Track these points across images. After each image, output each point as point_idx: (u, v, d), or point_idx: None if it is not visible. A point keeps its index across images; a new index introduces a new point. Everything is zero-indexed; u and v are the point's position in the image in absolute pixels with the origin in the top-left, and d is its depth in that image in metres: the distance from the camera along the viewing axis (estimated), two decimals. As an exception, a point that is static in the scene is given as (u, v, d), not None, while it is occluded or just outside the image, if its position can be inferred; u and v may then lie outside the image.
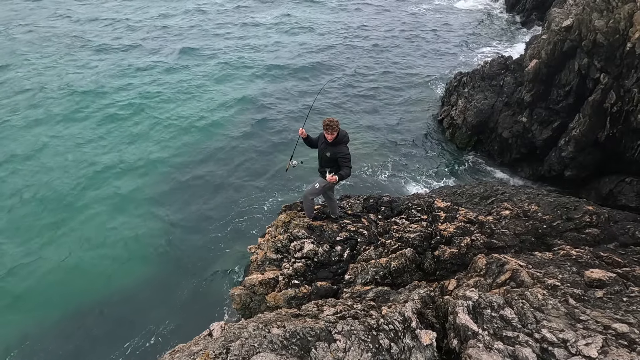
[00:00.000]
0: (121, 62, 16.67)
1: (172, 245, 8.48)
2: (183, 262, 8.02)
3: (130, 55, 17.34)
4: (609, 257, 5.32)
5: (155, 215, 9.24)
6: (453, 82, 13.28)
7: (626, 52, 8.21)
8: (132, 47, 18.16)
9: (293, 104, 13.86)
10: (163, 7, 23.80)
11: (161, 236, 8.67)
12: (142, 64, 16.53)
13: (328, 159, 5.17)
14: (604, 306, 3.75)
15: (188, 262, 8.02)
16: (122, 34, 19.66)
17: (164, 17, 22.21)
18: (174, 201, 9.69)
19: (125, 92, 14.46)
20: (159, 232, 8.74)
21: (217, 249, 8.29)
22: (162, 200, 9.69)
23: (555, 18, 10.51)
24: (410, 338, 2.75)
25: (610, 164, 9.03)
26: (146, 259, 8.14)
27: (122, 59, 16.91)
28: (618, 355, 2.61)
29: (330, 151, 5.13)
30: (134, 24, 20.96)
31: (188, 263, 8.00)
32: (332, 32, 19.56)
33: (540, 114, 10.55)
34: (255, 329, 2.55)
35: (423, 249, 5.37)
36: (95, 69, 15.98)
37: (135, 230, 8.77)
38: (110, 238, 8.61)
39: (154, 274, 7.81)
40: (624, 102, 8.37)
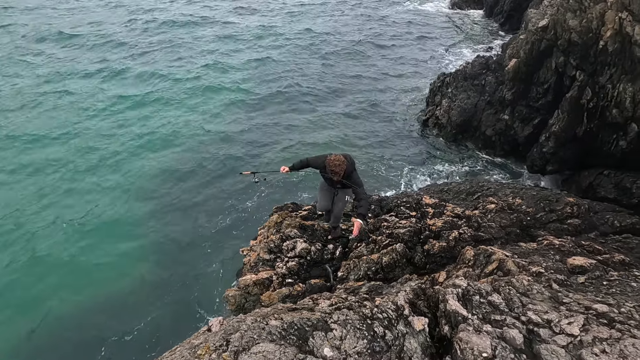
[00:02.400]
0: (101, 84, 16.40)
1: (162, 251, 8.42)
2: (174, 268, 7.98)
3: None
4: (589, 245, 5.55)
5: (144, 223, 9.17)
6: (437, 82, 13.59)
7: (599, 50, 8.59)
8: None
9: (277, 111, 13.92)
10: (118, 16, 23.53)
11: (151, 243, 8.60)
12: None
13: (337, 189, 4.99)
14: (585, 290, 3.93)
15: (180, 267, 7.98)
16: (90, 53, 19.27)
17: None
18: (163, 208, 9.63)
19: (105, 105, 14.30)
20: (149, 239, 8.68)
21: (209, 253, 8.28)
22: (150, 208, 9.62)
23: (532, 19, 10.90)
24: (404, 325, 2.85)
25: (589, 158, 9.38)
26: (136, 266, 8.07)
27: (101, 82, 16.63)
28: (598, 332, 2.76)
29: (341, 191, 4.97)
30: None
31: (180, 268, 7.97)
32: (308, 39, 19.60)
33: (521, 111, 10.90)
34: (253, 322, 2.62)
35: (413, 243, 5.50)
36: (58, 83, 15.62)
37: (123, 235, 8.68)
38: (97, 244, 8.50)
39: (144, 281, 7.75)
40: (599, 98, 8.74)
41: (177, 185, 10.37)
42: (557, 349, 2.64)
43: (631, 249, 6.00)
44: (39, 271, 7.75)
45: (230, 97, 14.46)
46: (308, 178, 10.84)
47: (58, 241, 8.53)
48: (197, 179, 10.56)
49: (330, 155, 4.64)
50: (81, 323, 6.99)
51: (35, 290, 7.46)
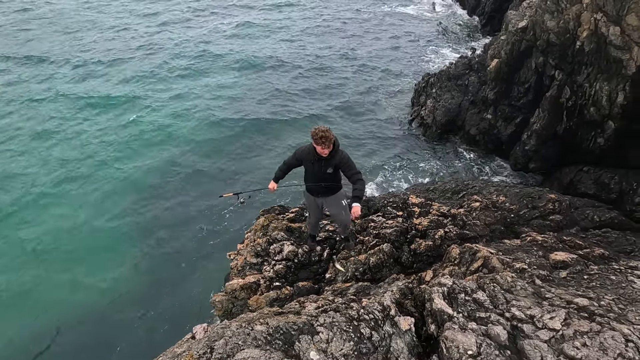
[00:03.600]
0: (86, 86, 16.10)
1: (146, 258, 8.26)
2: (160, 275, 7.83)
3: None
4: (571, 240, 5.68)
5: (127, 229, 8.99)
6: (421, 83, 13.74)
7: (576, 50, 8.82)
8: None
9: (260, 114, 13.81)
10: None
11: (134, 249, 8.43)
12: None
13: (329, 175, 4.35)
14: (567, 284, 4.01)
15: (165, 274, 7.84)
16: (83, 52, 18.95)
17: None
18: (147, 213, 9.45)
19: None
20: (132, 246, 8.50)
21: (194, 259, 8.16)
22: (135, 212, 9.43)
23: (512, 20, 11.13)
24: (390, 325, 2.86)
25: (569, 155, 9.61)
26: (119, 274, 7.89)
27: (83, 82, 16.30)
28: (579, 325, 2.82)
29: (331, 165, 4.27)
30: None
31: (165, 275, 7.82)
32: (288, 42, 19.47)
33: (503, 110, 11.10)
34: (238, 327, 2.58)
35: (400, 243, 5.53)
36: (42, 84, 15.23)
37: (107, 243, 8.49)
38: (80, 252, 8.29)
39: (128, 290, 7.57)
40: (577, 97, 8.97)
41: (160, 190, 10.19)
42: (540, 344, 2.69)
43: (610, 242, 6.17)
44: (13, 289, 7.50)
45: (210, 103, 14.19)
46: (295, 179, 10.81)
47: (37, 254, 8.28)
48: (181, 184, 10.39)
49: (311, 131, 4.19)
50: (63, 335, 6.79)
51: (13, 307, 7.22)
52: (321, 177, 4.41)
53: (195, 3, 24.38)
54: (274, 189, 4.66)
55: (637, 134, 8.18)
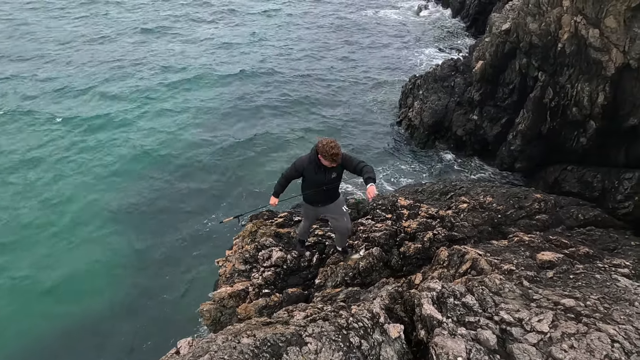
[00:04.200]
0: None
1: (132, 269, 8.06)
2: (144, 285, 7.64)
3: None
4: (557, 239, 5.76)
5: (115, 236, 8.78)
6: (408, 85, 13.84)
7: (558, 52, 9.00)
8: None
9: (248, 120, 13.70)
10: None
11: (120, 259, 8.23)
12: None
13: (333, 180, 4.28)
14: (554, 285, 4.05)
15: (153, 282, 7.67)
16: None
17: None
18: (131, 223, 9.24)
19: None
20: (116, 256, 8.30)
21: (183, 266, 8.01)
22: (122, 220, 9.22)
23: (496, 22, 11.30)
24: (380, 333, 2.83)
25: (553, 155, 9.78)
26: (103, 285, 7.68)
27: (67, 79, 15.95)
28: (566, 327, 2.84)
29: (335, 170, 4.19)
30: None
31: (153, 283, 7.65)
32: (276, 47, 19.41)
33: (489, 111, 11.26)
34: (224, 341, 2.51)
35: (389, 246, 5.52)
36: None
37: (93, 251, 8.27)
38: (67, 262, 8.06)
39: (113, 302, 7.37)
40: (560, 97, 9.15)
41: (145, 200, 9.98)
42: (529, 348, 2.69)
43: (594, 240, 6.28)
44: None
45: (195, 111, 13.92)
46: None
47: (19, 270, 8.02)
48: (165, 193, 10.21)
49: (317, 144, 4.03)
50: (45, 350, 6.57)
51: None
52: (325, 185, 4.31)
53: (177, 11, 23.91)
54: (275, 204, 4.54)
55: (617, 133, 8.38)
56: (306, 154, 4.34)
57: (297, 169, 4.30)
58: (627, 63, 7.68)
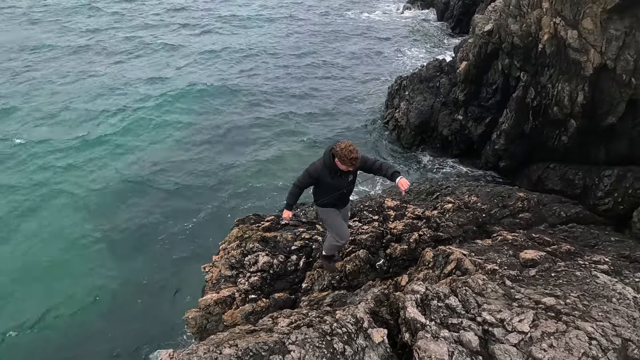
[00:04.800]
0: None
1: (115, 277, 7.91)
2: (129, 293, 7.50)
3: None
4: (540, 237, 5.86)
5: (98, 243, 8.60)
6: (394, 85, 13.94)
7: (539, 53, 9.18)
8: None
9: (234, 122, 13.59)
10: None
11: (101, 268, 8.06)
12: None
13: (351, 182, 4.21)
14: (536, 283, 4.12)
15: (138, 290, 7.54)
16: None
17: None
18: (118, 226, 9.08)
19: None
20: (99, 263, 8.13)
21: (169, 273, 7.89)
22: (103, 229, 9.03)
23: (478, 23, 11.47)
24: (363, 338, 2.83)
25: (536, 153, 9.98)
26: (86, 293, 7.51)
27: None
28: (546, 326, 2.89)
29: (352, 173, 4.10)
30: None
31: (138, 291, 7.52)
32: (262, 43, 19.27)
33: (473, 111, 11.41)
34: (205, 352, 2.48)
35: (376, 248, 5.54)
36: None
37: (76, 258, 8.09)
38: (46, 268, 7.87)
39: (98, 311, 7.22)
40: (541, 97, 9.33)
41: (131, 202, 9.83)
42: (510, 348, 2.73)
43: (576, 237, 6.42)
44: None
45: (179, 117, 13.67)
46: (274, 179, 10.69)
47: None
48: (153, 195, 10.06)
49: (334, 148, 3.87)
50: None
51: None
52: (344, 189, 4.20)
53: (150, 19, 23.05)
54: (289, 217, 4.38)
55: (596, 132, 8.58)
56: (318, 160, 4.15)
57: (312, 175, 4.10)
58: (604, 63, 7.88)
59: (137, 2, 24.74)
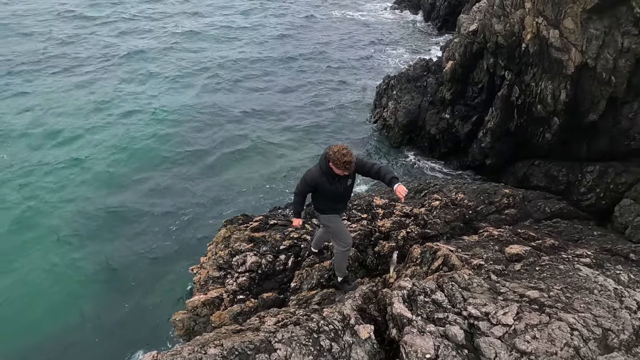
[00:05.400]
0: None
1: (103, 279, 7.77)
2: (118, 296, 7.38)
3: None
4: (525, 233, 5.96)
5: (81, 247, 8.43)
6: (382, 85, 14.02)
7: (522, 52, 9.34)
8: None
9: (225, 121, 13.50)
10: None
11: (90, 269, 7.91)
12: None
13: (350, 186, 4.17)
14: (520, 277, 4.18)
15: (124, 295, 7.40)
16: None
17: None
18: (103, 230, 8.92)
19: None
20: (87, 266, 7.98)
21: (156, 276, 7.78)
22: (89, 229, 8.86)
23: (464, 23, 11.61)
24: (350, 335, 2.83)
25: (522, 150, 10.14)
26: (75, 294, 7.36)
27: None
28: (530, 319, 2.93)
29: (350, 177, 4.06)
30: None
31: (124, 295, 7.39)
32: (250, 44, 19.08)
33: (460, 110, 11.55)
34: (190, 353, 2.44)
35: (364, 246, 5.56)
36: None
37: (60, 262, 7.91)
38: (30, 273, 7.67)
39: (83, 316, 7.06)
40: (525, 95, 9.49)
41: (115, 206, 9.66)
42: (494, 341, 2.76)
43: (560, 232, 6.54)
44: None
45: (163, 122, 13.43)
46: (262, 180, 10.63)
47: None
48: (138, 198, 9.91)
49: (328, 152, 3.82)
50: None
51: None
52: (343, 194, 4.16)
53: (134, 9, 22.65)
54: (299, 224, 4.41)
55: (578, 129, 8.77)
56: (314, 166, 4.07)
57: (309, 183, 4.04)
58: (585, 62, 8.06)
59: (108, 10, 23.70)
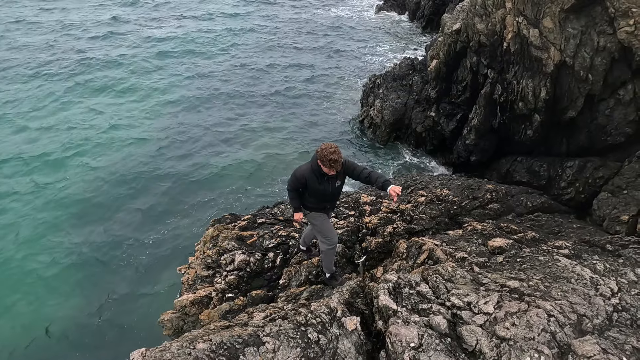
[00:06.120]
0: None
1: (91, 279, 7.67)
2: (104, 299, 7.29)
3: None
4: (507, 226, 6.13)
5: (67, 252, 8.28)
6: (368, 84, 14.14)
7: (504, 50, 9.56)
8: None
9: (209, 123, 13.41)
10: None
11: (77, 269, 7.79)
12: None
13: (339, 188, 4.17)
14: (502, 269, 4.32)
15: (110, 298, 7.32)
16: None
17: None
18: (87, 232, 8.78)
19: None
20: (74, 266, 7.85)
21: (143, 276, 7.71)
22: (74, 227, 8.72)
23: (447, 23, 11.82)
24: (337, 327, 2.89)
25: (505, 147, 10.39)
26: (59, 302, 7.24)
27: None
28: (509, 307, 3.05)
29: (339, 178, 4.04)
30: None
31: (110, 298, 7.30)
32: (234, 46, 18.91)
33: (445, 108, 11.75)
34: (179, 349, 2.47)
35: (352, 242, 5.64)
36: None
37: (45, 263, 7.76)
38: (16, 282, 7.51)
39: (69, 318, 6.97)
40: (508, 93, 9.73)
41: (101, 208, 9.52)
42: (475, 329, 2.86)
43: (541, 225, 6.75)
44: None
45: (150, 118, 13.27)
46: (249, 180, 10.62)
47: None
48: (123, 199, 9.79)
49: (316, 152, 3.83)
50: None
51: None
52: (331, 194, 4.15)
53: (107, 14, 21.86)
54: (300, 218, 4.41)
55: (558, 125, 9.04)
56: (306, 163, 4.09)
57: (299, 178, 4.05)
58: (563, 60, 8.31)
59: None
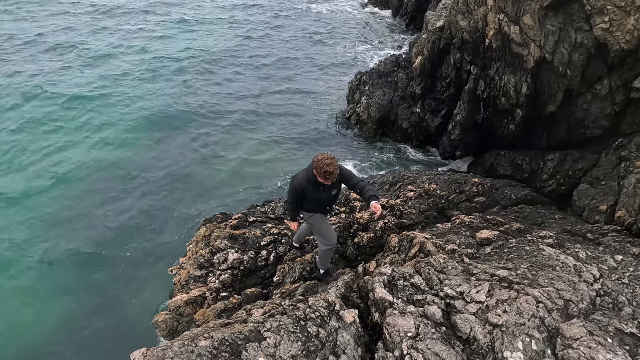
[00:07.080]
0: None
1: (78, 287, 7.50)
2: (95, 303, 7.15)
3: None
4: (493, 218, 6.32)
5: (56, 256, 8.08)
6: (354, 81, 14.21)
7: (486, 47, 9.78)
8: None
9: (197, 122, 13.24)
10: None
11: (66, 272, 7.62)
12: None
13: (335, 195, 4.20)
14: (491, 259, 4.47)
15: (101, 302, 7.18)
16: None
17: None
18: (76, 234, 8.58)
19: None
20: (63, 268, 7.67)
21: (134, 279, 7.59)
22: (62, 235, 8.50)
23: (431, 20, 11.98)
24: (336, 320, 2.95)
25: (489, 142, 10.66)
26: (49, 305, 7.07)
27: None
28: (500, 295, 3.17)
29: (335, 187, 4.07)
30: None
31: (101, 302, 7.17)
32: (209, 44, 18.59)
33: (430, 104, 11.95)
34: (181, 347, 2.48)
35: (344, 238, 5.71)
36: None
37: (33, 265, 7.55)
38: (3, 277, 7.29)
39: (59, 321, 6.82)
40: (490, 89, 9.96)
41: (90, 209, 9.31)
42: (469, 317, 2.97)
43: (525, 217, 6.99)
44: None
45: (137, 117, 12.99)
46: (238, 179, 10.57)
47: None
48: (112, 200, 9.60)
49: (312, 161, 3.87)
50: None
51: None
52: (328, 202, 4.19)
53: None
54: (296, 227, 4.60)
55: (539, 120, 9.34)
56: (302, 171, 4.11)
57: (297, 188, 4.08)
58: (543, 56, 8.57)
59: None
